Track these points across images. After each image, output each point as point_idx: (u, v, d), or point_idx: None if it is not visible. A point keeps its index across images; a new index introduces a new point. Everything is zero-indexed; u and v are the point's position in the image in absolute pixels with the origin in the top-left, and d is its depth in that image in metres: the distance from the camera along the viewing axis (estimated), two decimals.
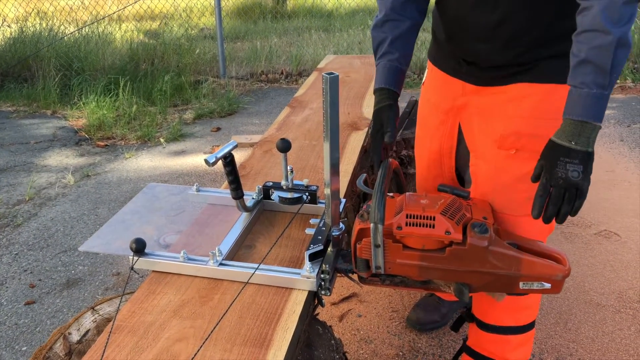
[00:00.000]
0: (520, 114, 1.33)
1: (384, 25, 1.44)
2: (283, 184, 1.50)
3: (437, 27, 1.50)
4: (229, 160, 1.30)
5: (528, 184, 1.29)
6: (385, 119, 1.38)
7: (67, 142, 4.22)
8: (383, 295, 2.30)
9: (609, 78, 1.07)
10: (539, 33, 1.29)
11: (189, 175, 3.59)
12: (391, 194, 1.28)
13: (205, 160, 1.23)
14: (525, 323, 1.58)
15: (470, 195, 1.32)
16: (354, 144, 1.97)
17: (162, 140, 4.20)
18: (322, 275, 1.22)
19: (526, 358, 1.65)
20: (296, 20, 8.13)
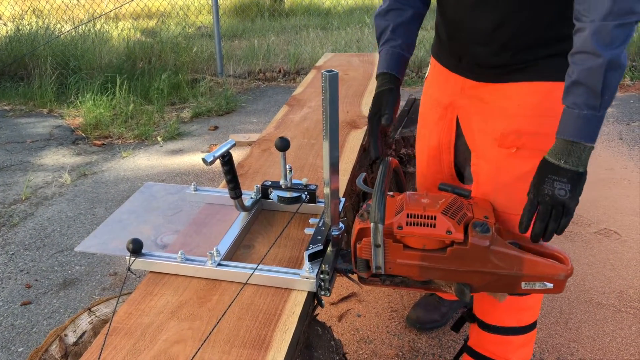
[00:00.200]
0: (522, 113, 1.32)
1: (388, 14, 1.47)
2: (282, 183, 1.49)
3: (439, 25, 1.50)
4: (227, 160, 1.28)
5: (528, 183, 1.28)
6: (384, 102, 1.40)
7: (64, 141, 4.19)
8: (382, 294, 2.29)
9: (601, 100, 1.07)
10: (539, 35, 1.28)
11: (187, 174, 3.57)
12: (391, 193, 1.26)
13: (203, 160, 1.21)
14: (527, 323, 1.57)
15: (472, 195, 1.31)
16: (353, 143, 1.96)
17: (160, 139, 4.18)
18: (322, 276, 1.21)
19: (528, 358, 1.64)
20: (294, 18, 8.11)
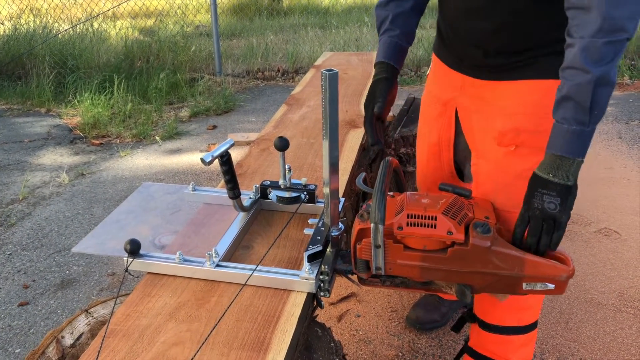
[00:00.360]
0: (521, 111, 1.32)
1: (388, 4, 1.49)
2: (281, 183, 1.48)
3: (440, 25, 1.51)
4: (225, 159, 1.27)
5: (527, 180, 1.28)
6: (379, 90, 1.42)
7: (62, 141, 4.18)
8: (382, 295, 2.28)
9: (590, 115, 1.07)
10: (534, 39, 1.28)
11: (185, 174, 3.56)
12: (391, 193, 1.25)
13: (202, 160, 1.20)
14: (527, 323, 1.57)
15: (472, 195, 1.30)
16: (352, 142, 1.95)
17: (158, 138, 4.17)
18: (321, 277, 1.20)
19: (529, 358, 1.63)
20: (292, 17, 8.10)
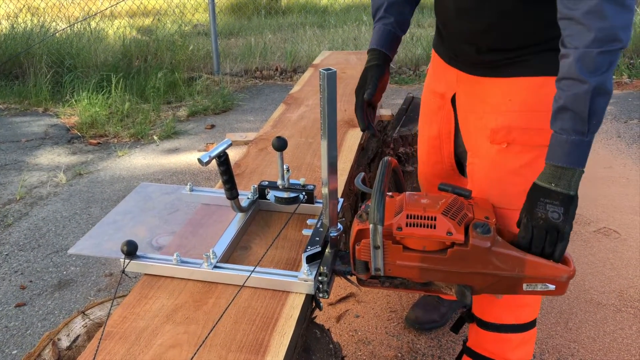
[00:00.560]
0: (513, 109, 1.34)
1: None
2: (279, 183, 1.46)
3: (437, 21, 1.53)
4: (223, 160, 1.26)
5: (522, 177, 1.32)
6: (370, 77, 1.42)
7: (59, 140, 4.16)
8: (381, 295, 2.27)
9: (588, 125, 1.07)
10: (525, 39, 1.29)
11: (183, 174, 3.54)
12: (390, 194, 1.24)
13: (199, 160, 1.19)
14: (526, 321, 1.56)
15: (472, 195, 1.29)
16: (351, 142, 1.94)
17: (156, 138, 4.15)
18: (320, 278, 1.19)
19: (528, 358, 1.62)
20: (290, 16, 8.08)
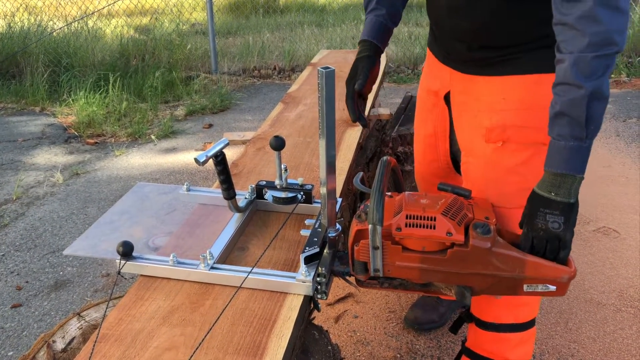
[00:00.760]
0: (508, 107, 1.33)
1: None
2: (277, 183, 1.45)
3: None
4: (220, 159, 1.24)
5: (518, 175, 1.32)
6: (360, 68, 1.42)
7: (56, 140, 4.14)
8: (380, 295, 2.25)
9: (586, 130, 1.05)
10: (518, 35, 1.27)
11: (181, 173, 3.53)
12: (389, 194, 1.23)
13: (195, 160, 1.17)
14: (525, 320, 1.55)
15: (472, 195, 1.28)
16: (349, 141, 1.92)
17: (153, 137, 4.13)
18: (318, 279, 1.17)
19: (527, 357, 1.62)
20: (288, 15, 8.05)
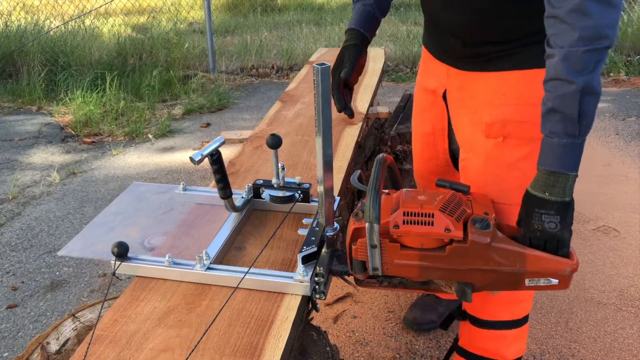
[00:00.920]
0: (507, 102, 1.31)
1: None
2: (274, 182, 1.43)
3: (423, 15, 1.51)
4: (215, 158, 1.22)
5: (518, 171, 1.31)
6: (347, 56, 1.42)
7: (53, 139, 4.11)
8: (379, 295, 2.24)
9: (579, 127, 1.02)
10: (513, 32, 1.26)
11: (178, 172, 3.51)
12: (386, 191, 1.21)
13: (191, 158, 1.15)
14: (520, 317, 1.55)
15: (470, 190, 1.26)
16: (348, 140, 1.91)
17: (151, 136, 4.11)
18: (316, 279, 1.16)
19: (521, 353, 1.62)
20: (286, 14, 8.03)
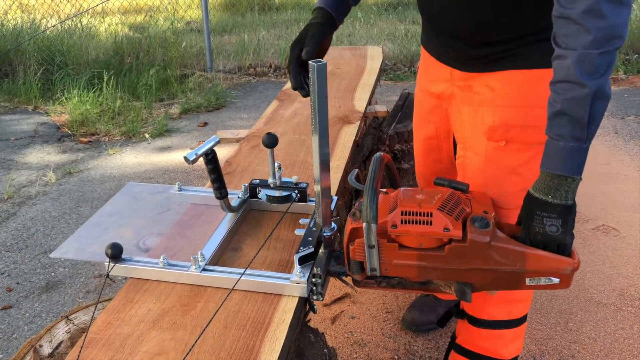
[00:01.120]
0: (510, 104, 1.29)
1: None
2: (270, 181, 1.41)
3: (422, 17, 1.46)
4: (210, 157, 1.20)
5: (519, 176, 1.30)
6: (310, 34, 1.31)
7: (49, 139, 4.09)
8: (377, 295, 2.22)
9: (587, 131, 1.00)
10: (516, 31, 1.23)
11: (175, 172, 3.48)
12: (384, 190, 1.19)
13: (185, 158, 1.13)
14: (518, 316, 1.55)
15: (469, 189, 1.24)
16: (345, 139, 1.89)
17: (148, 135, 4.09)
18: (314, 280, 1.14)
19: (519, 352, 1.62)
20: (284, 12, 8.00)
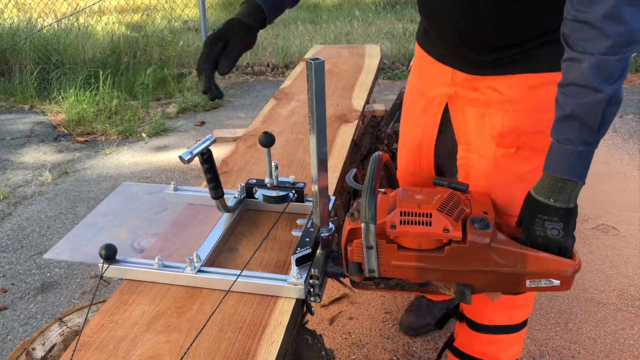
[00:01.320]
0: (519, 108, 1.24)
1: None
2: (267, 181, 1.39)
3: (423, 19, 1.39)
4: (206, 157, 1.18)
5: (528, 183, 1.24)
6: (234, 40, 1.20)
7: (45, 138, 4.06)
8: (375, 296, 2.20)
9: (597, 135, 0.97)
10: (524, 34, 1.19)
11: (172, 171, 3.46)
12: (383, 190, 1.17)
13: (180, 157, 1.11)
14: (519, 322, 1.52)
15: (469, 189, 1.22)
16: (343, 138, 1.87)
17: (144, 135, 4.07)
18: (311, 281, 1.13)
19: (518, 356, 1.59)
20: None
